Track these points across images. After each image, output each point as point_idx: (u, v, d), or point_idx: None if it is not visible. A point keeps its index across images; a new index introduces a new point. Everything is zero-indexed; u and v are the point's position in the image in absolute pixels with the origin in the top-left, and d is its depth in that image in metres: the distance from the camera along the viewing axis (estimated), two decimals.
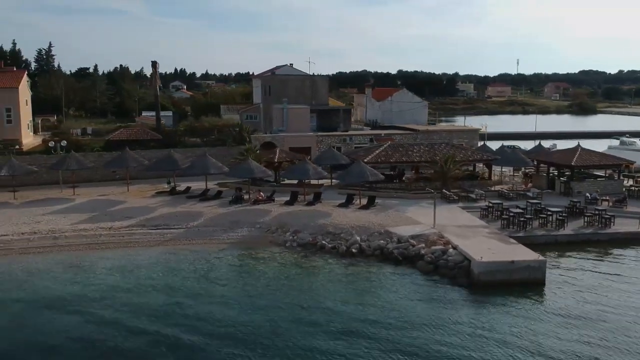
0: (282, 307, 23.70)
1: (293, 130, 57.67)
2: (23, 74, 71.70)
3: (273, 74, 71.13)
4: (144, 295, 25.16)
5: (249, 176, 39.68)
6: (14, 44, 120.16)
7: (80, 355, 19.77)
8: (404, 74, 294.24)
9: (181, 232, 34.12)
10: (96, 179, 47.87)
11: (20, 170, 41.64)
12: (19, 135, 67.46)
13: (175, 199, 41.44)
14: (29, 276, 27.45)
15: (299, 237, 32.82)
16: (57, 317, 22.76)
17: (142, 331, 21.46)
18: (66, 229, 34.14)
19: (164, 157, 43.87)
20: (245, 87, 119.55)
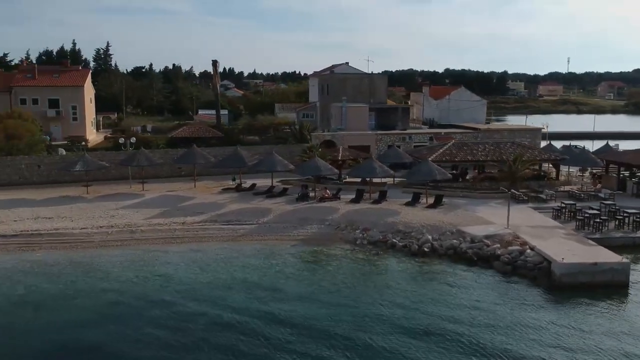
0: (362, 305, 23.75)
1: (352, 129, 57.81)
2: (87, 73, 74.20)
3: (332, 72, 71.36)
4: (224, 289, 25.59)
5: (316, 174, 39.98)
6: (74, 43, 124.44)
7: (167, 345, 20.22)
8: (451, 72, 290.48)
9: (253, 228, 34.61)
10: (162, 175, 48.97)
11: (93, 166, 43.01)
12: (84, 132, 69.94)
13: (242, 196, 42.05)
14: (112, 268, 28.30)
15: (369, 235, 32.87)
16: (144, 309, 23.39)
17: (227, 324, 21.84)
18: (141, 223, 35.10)
19: (231, 154, 44.56)
20: (297, 86, 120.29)
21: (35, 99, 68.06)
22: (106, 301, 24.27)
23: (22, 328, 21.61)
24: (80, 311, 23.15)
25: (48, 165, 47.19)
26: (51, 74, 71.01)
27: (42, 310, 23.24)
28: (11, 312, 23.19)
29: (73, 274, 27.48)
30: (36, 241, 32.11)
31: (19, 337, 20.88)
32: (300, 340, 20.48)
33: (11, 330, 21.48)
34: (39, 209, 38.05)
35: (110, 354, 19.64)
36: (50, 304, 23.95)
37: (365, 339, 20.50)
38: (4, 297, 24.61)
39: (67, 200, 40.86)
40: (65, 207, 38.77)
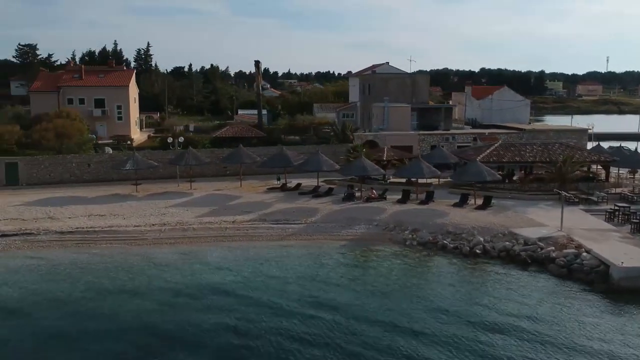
0: (418, 306, 23.70)
1: (393, 129, 57.60)
2: (132, 73, 75.56)
3: (373, 72, 71.26)
4: (280, 287, 25.81)
5: (362, 174, 40.03)
6: (115, 44, 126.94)
7: (233, 343, 20.54)
8: (487, 71, 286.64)
9: (301, 228, 34.83)
10: (208, 174, 49.54)
11: (142, 165, 43.85)
12: (129, 131, 71.22)
13: (288, 195, 42.34)
14: (167, 265, 28.81)
15: (418, 236, 32.76)
16: (203, 304, 23.76)
17: (284, 320, 22.04)
18: (192, 221, 35.67)
19: (277, 154, 44.90)
20: (335, 85, 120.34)
21: (82, 99, 69.61)
22: (166, 297, 24.73)
23: (88, 321, 22.17)
24: (141, 307, 23.62)
25: (97, 164, 48.31)
26: (97, 74, 72.58)
27: (103, 306, 23.78)
28: (75, 307, 23.77)
29: (130, 270, 28.09)
30: (92, 238, 32.93)
31: (84, 330, 21.42)
32: (357, 340, 20.55)
33: (78, 324, 22.02)
34: (91, 207, 38.98)
35: (178, 344, 20.04)
36: (110, 299, 24.50)
37: (424, 341, 20.46)
38: (66, 292, 25.26)
39: (118, 198, 41.76)
40: (116, 205, 39.63)
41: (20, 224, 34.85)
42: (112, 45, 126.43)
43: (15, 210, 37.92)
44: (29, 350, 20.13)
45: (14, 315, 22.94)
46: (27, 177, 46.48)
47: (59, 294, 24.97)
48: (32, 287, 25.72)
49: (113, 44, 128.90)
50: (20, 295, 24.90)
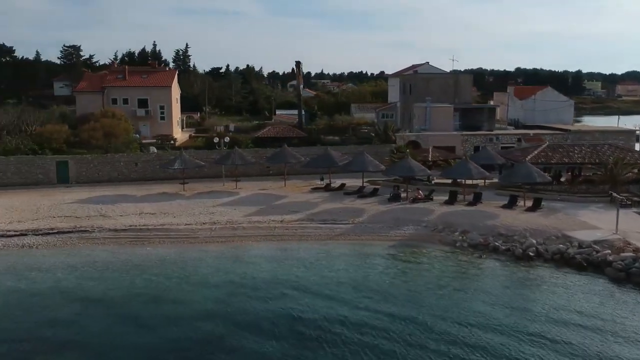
0: (479, 307, 23.51)
1: (435, 129, 57.20)
2: (174, 74, 76.67)
3: (415, 72, 70.93)
4: (333, 287, 25.90)
5: (408, 174, 39.92)
6: (154, 45, 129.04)
7: (288, 335, 20.74)
8: (523, 71, 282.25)
9: (349, 228, 34.89)
10: (251, 174, 49.91)
11: (190, 165, 44.50)
12: (171, 131, 72.28)
13: (333, 195, 42.45)
14: (220, 263, 29.20)
15: (468, 238, 32.51)
16: (259, 303, 23.97)
17: (339, 320, 22.10)
18: (241, 220, 36.05)
19: (321, 154, 45.07)
20: (372, 85, 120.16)
21: (126, 99, 70.90)
22: (221, 294, 25.02)
23: (146, 319, 22.61)
24: (199, 304, 23.96)
25: (144, 163, 49.19)
26: (140, 74, 73.87)
27: (162, 302, 24.21)
28: (134, 303, 24.25)
29: (185, 268, 28.54)
30: (145, 236, 33.55)
31: (142, 327, 21.84)
32: (410, 340, 20.53)
33: (136, 320, 22.47)
34: (141, 205, 39.71)
35: (236, 344, 20.30)
36: (169, 296, 24.93)
37: (481, 344, 20.31)
38: (125, 289, 25.77)
39: (166, 197, 42.45)
40: (165, 203, 40.29)
41: (74, 222, 35.71)
42: (152, 46, 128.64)
43: (69, 208, 38.87)
44: (110, 335, 20.69)
45: (92, 305, 23.71)
46: (77, 176, 47.60)
47: (118, 290, 25.51)
48: (95, 282, 26.33)
49: (152, 44, 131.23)
50: (90, 289, 25.50)
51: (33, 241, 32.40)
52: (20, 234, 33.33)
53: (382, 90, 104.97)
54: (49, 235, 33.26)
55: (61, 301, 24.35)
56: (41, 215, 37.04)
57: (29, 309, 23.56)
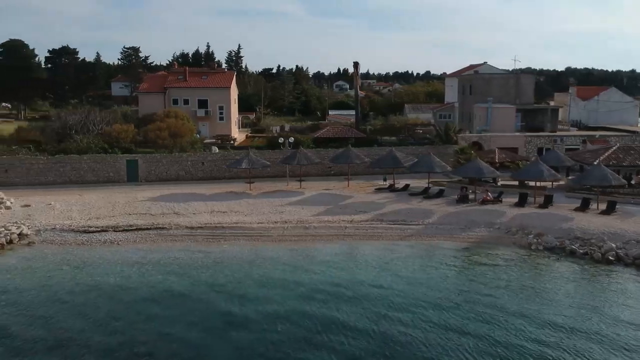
0: (567, 312, 23.24)
1: (497, 130, 56.51)
2: (233, 75, 77.92)
3: (475, 72, 70.21)
4: (413, 287, 25.98)
5: (477, 176, 39.63)
6: (208, 46, 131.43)
7: (372, 334, 20.94)
8: (574, 71, 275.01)
9: (420, 229, 34.92)
10: (313, 174, 50.32)
11: (257, 164, 45.22)
12: (229, 130, 73.42)
13: (398, 196, 42.50)
14: (296, 261, 29.60)
15: (543, 240, 32.10)
16: (341, 302, 24.20)
17: (423, 321, 22.18)
18: (311, 220, 36.48)
19: (386, 155, 45.16)
20: (425, 86, 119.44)
21: (186, 99, 72.39)
22: (303, 292, 25.36)
23: (233, 316, 23.12)
24: (281, 302, 24.30)
25: (211, 162, 50.23)
26: (200, 75, 75.34)
27: (245, 299, 24.69)
28: (218, 300, 24.77)
29: (263, 265, 29.02)
30: (220, 233, 34.33)
31: (230, 324, 22.34)
32: (503, 342, 20.45)
33: (223, 317, 22.97)
34: (211, 203, 40.56)
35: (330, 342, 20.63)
36: (251, 293, 25.41)
37: (573, 349, 20.10)
38: (207, 285, 26.39)
39: (233, 195, 43.25)
40: (234, 202, 41.06)
41: (150, 219, 36.79)
42: (205, 47, 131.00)
43: (143, 206, 40.04)
44: (202, 331, 21.31)
45: (179, 301, 24.41)
46: (145, 174, 48.97)
47: (201, 286, 26.18)
48: (178, 277, 27.10)
49: (206, 46, 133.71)
50: (175, 284, 26.29)
51: (114, 237, 33.53)
52: (101, 230, 34.57)
53: (435, 90, 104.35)
54: (129, 232, 34.39)
55: (150, 296, 25.11)
56: (117, 213, 38.28)
57: (124, 302, 24.41)
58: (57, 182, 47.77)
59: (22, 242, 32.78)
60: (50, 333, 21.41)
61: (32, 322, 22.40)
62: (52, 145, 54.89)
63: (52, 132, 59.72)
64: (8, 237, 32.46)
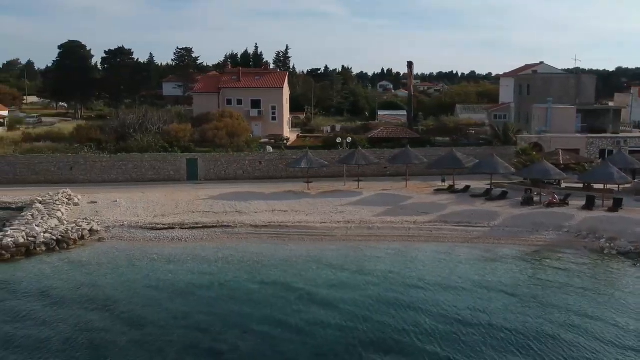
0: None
1: (556, 131, 55.12)
2: (285, 75, 78.39)
3: (534, 72, 68.72)
4: (485, 292, 25.49)
5: (545, 177, 38.76)
6: (256, 47, 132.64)
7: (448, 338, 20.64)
8: (624, 71, 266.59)
9: (486, 231, 34.33)
10: (368, 174, 50.04)
11: (316, 164, 45.30)
12: (281, 130, 73.86)
13: (459, 197, 41.94)
14: (365, 262, 29.46)
15: (617, 245, 31.12)
16: (414, 304, 23.97)
17: (495, 326, 21.74)
18: (374, 220, 36.29)
19: (447, 156, 44.62)
20: (474, 86, 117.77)
21: (240, 100, 73.20)
22: (373, 294, 25.17)
23: (307, 315, 23.14)
24: (359, 303, 24.19)
25: (268, 162, 50.58)
26: (253, 76, 76.08)
27: (319, 300, 24.67)
28: (292, 300, 24.82)
29: (331, 265, 28.97)
30: (284, 232, 34.47)
31: (310, 324, 22.34)
32: (585, 349, 19.87)
33: (296, 317, 23.02)
34: (272, 203, 40.80)
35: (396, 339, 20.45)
36: (324, 293, 25.35)
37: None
38: (279, 285, 26.52)
39: (292, 195, 43.41)
40: (294, 201, 41.20)
41: (214, 217, 37.22)
42: (254, 47, 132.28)
43: (205, 204, 40.58)
44: (283, 331, 21.41)
45: (252, 299, 24.57)
46: (205, 173, 49.65)
47: (273, 286, 26.29)
48: (249, 275, 27.30)
49: (254, 46, 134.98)
50: (246, 282, 26.52)
51: (181, 234, 34.06)
52: (168, 227, 35.16)
53: (487, 90, 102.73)
54: (195, 230, 34.88)
55: (223, 293, 25.33)
56: (181, 210, 38.90)
57: (199, 299, 24.74)
58: (119, 179, 48.91)
59: (93, 237, 33.60)
60: (130, 328, 21.85)
61: (113, 317, 22.87)
62: (112, 144, 56.25)
63: (111, 131, 61.18)
64: (80, 232, 33.32)
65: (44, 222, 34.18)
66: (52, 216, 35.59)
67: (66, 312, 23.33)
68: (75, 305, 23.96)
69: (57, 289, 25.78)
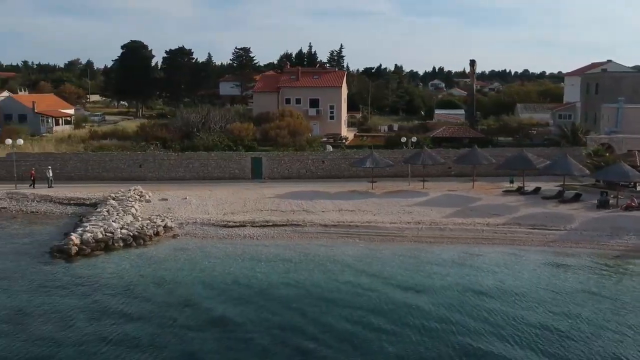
0: None
1: (628, 132, 53.14)
2: (344, 75, 78.33)
3: (604, 70, 66.50)
4: (572, 300, 24.73)
5: (624, 180, 37.38)
6: (310, 46, 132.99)
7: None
8: None
9: (562, 234, 33.32)
10: (432, 174, 49.27)
11: (381, 164, 44.99)
12: (339, 129, 73.84)
13: (529, 199, 40.89)
14: (442, 263, 29.03)
15: None
16: (500, 311, 23.40)
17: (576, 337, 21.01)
18: (444, 221, 35.73)
19: (516, 156, 43.59)
20: (534, 84, 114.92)
21: (298, 99, 73.63)
22: (452, 294, 24.79)
23: (397, 319, 22.93)
24: (434, 307, 23.86)
25: (331, 161, 50.56)
26: (311, 75, 76.36)
27: (389, 300, 24.43)
28: (370, 301, 24.64)
29: (403, 266, 28.58)
30: (354, 232, 34.32)
31: (400, 325, 22.13)
32: None
33: (386, 318, 22.84)
34: (338, 202, 40.71)
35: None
36: (397, 294, 25.06)
37: None
38: (353, 285, 26.36)
39: (357, 195, 43.21)
40: (359, 201, 40.99)
41: (283, 215, 37.39)
42: (307, 47, 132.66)
43: (272, 202, 40.84)
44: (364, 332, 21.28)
45: (335, 299, 24.48)
46: (269, 172, 50.00)
47: (347, 285, 26.15)
48: (324, 275, 27.26)
49: (308, 46, 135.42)
50: (321, 281, 26.52)
51: (252, 232, 34.36)
52: (239, 225, 35.53)
53: (548, 89, 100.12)
54: (265, 228, 35.12)
55: (301, 292, 25.30)
56: (249, 208, 39.27)
57: (278, 298, 24.82)
58: (185, 177, 49.79)
59: (167, 234, 34.27)
60: (214, 325, 22.03)
61: (195, 314, 23.12)
62: (177, 143, 57.44)
63: (175, 130, 62.52)
64: (154, 229, 34.01)
65: (120, 218, 35.04)
66: (127, 212, 36.47)
67: (150, 307, 23.76)
68: (157, 301, 24.39)
69: (139, 285, 26.32)
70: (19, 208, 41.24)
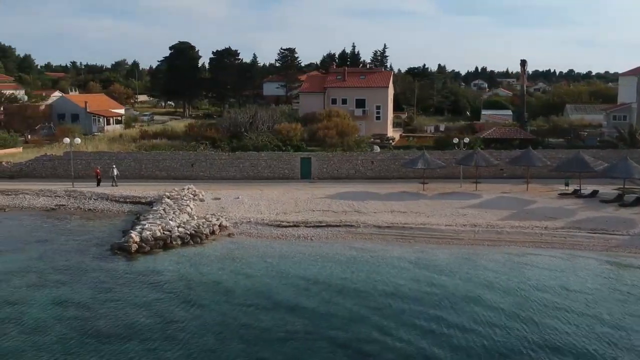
0: None
1: None
2: (390, 75, 78.01)
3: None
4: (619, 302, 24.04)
5: None
6: (354, 46, 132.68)
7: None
8: None
9: (626, 240, 32.31)
10: (484, 175, 48.35)
11: (433, 165, 44.55)
12: (386, 130, 73.50)
13: (587, 202, 39.89)
14: (502, 268, 28.51)
15: None
16: (557, 320, 22.93)
17: None
18: (501, 224, 35.07)
19: (572, 158, 42.57)
20: (583, 85, 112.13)
21: (345, 99, 73.55)
22: (515, 299, 24.33)
23: (455, 322, 22.66)
24: (497, 310, 23.45)
25: (380, 162, 50.32)
26: (358, 75, 76.18)
27: (456, 304, 24.11)
28: (435, 303, 24.41)
29: (456, 270, 28.14)
30: (408, 234, 34.01)
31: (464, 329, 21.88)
32: None
33: (450, 318, 22.61)
34: (389, 203, 40.47)
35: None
36: (457, 299, 24.70)
37: None
38: (418, 286, 26.16)
39: (408, 196, 42.89)
40: (411, 202, 40.67)
41: (335, 216, 37.34)
42: (351, 47, 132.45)
43: (323, 203, 40.86)
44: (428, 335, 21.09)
45: (404, 301, 24.32)
46: (318, 172, 50.07)
47: (410, 285, 25.98)
48: (381, 276, 27.07)
49: (352, 46, 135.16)
50: (387, 283, 26.38)
51: (306, 232, 34.41)
52: (293, 225, 35.65)
53: (599, 89, 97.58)
54: (319, 228, 35.11)
55: (359, 294, 25.26)
56: (301, 208, 39.36)
57: (335, 299, 24.78)
58: (236, 177, 50.27)
59: (223, 233, 34.63)
60: (275, 324, 22.08)
61: (256, 313, 23.24)
62: (226, 142, 58.07)
63: (224, 130, 63.24)
64: (210, 228, 34.42)
65: (176, 217, 35.59)
66: (183, 211, 37.04)
67: (211, 305, 24.03)
68: (217, 300, 24.60)
69: (199, 283, 26.63)
70: (77, 206, 42.33)
